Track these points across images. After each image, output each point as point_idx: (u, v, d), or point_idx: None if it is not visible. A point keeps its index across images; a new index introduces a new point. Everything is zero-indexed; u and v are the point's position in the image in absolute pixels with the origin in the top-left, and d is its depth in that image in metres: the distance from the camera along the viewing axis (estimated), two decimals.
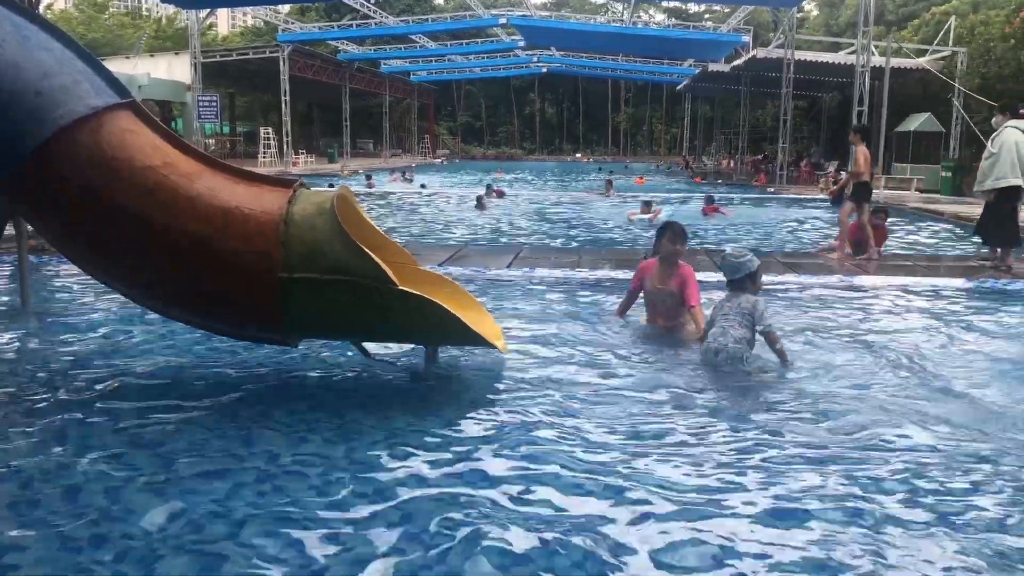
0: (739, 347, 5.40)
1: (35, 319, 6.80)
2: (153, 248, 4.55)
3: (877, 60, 26.49)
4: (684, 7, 65.39)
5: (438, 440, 4.20)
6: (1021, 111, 10.13)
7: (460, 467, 3.86)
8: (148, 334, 6.29)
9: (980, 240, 10.78)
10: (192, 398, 4.81)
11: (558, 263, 9.81)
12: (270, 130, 41.21)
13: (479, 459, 3.95)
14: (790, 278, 9.11)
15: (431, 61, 54.66)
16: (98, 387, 5.01)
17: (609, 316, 7.04)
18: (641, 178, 35.30)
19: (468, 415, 4.57)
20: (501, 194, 21.66)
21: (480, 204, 19.04)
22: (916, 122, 28.57)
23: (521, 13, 38.72)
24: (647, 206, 15.73)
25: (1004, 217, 10.01)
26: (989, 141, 10.04)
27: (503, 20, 39.16)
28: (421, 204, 21.12)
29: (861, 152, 10.77)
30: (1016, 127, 9.85)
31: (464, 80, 68.08)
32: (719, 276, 8.97)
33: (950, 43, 28.50)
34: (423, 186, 27.58)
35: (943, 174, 25.17)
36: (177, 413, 4.55)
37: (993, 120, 10.48)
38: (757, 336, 5.53)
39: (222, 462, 3.89)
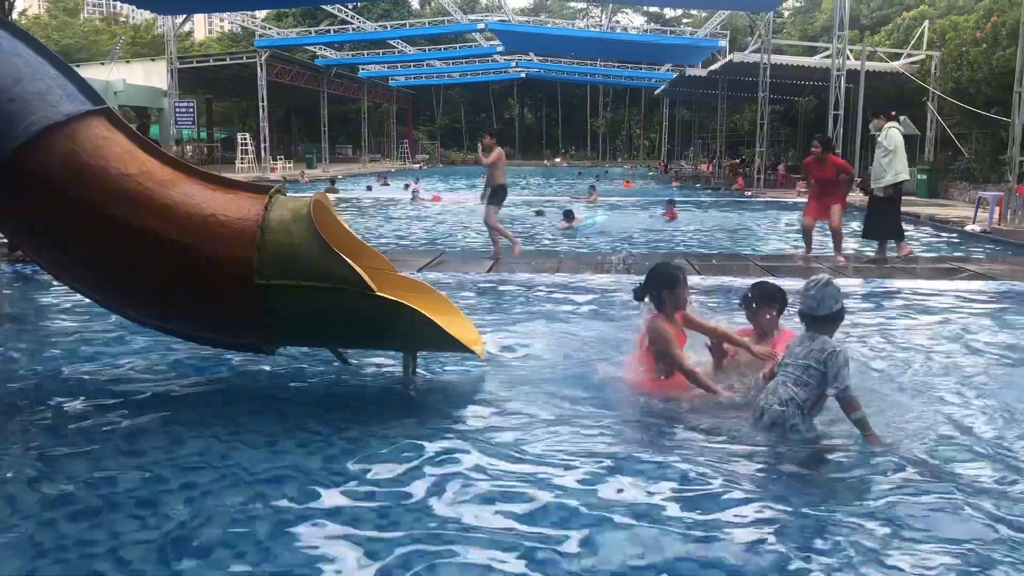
0: (782, 411, 4.25)
1: (7, 327, 6.72)
2: (127, 255, 4.52)
3: (852, 64, 26.71)
4: (661, 12, 65.68)
5: (415, 448, 4.17)
6: (893, 113, 11.12)
7: (437, 476, 3.84)
8: (120, 343, 6.24)
9: (870, 238, 11.10)
10: (163, 407, 4.77)
11: (538, 268, 9.82)
12: (247, 136, 40.97)
13: (456, 469, 3.93)
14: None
15: (409, 66, 54.58)
16: (66, 396, 4.97)
17: (594, 324, 7.06)
18: (628, 182, 35.47)
19: (446, 423, 4.55)
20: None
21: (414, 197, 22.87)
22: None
23: (499, 18, 38.77)
24: (569, 215, 15.99)
25: (896, 211, 10.65)
26: (882, 139, 10.49)
27: (481, 25, 39.18)
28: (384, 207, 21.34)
29: (501, 154, 11.54)
30: (896, 127, 10.52)
31: (443, 85, 68.03)
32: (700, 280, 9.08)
33: (924, 47, 28.78)
34: (369, 188, 28.06)
35: (919, 176, 25.40)
36: (147, 423, 4.51)
37: (871, 124, 11.11)
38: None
39: (196, 473, 3.87)
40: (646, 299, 5.10)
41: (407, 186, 28.20)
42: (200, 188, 4.70)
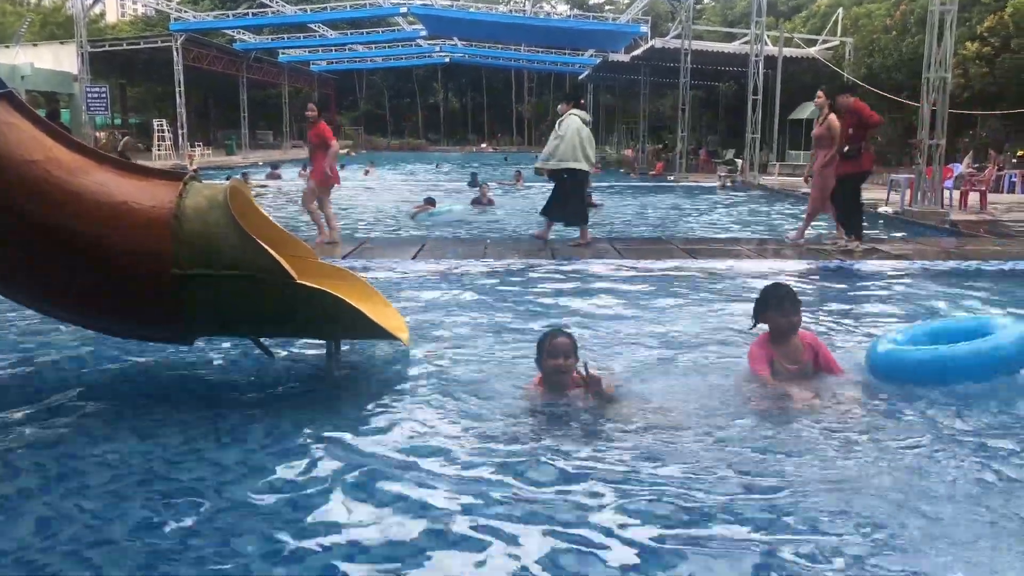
0: None
1: None
2: (37, 247, 4.35)
3: (770, 50, 27.30)
4: None
5: (340, 438, 4.11)
6: (582, 101, 11.43)
7: (362, 466, 3.78)
8: (27, 333, 6.03)
9: (553, 220, 11.26)
10: (82, 398, 4.63)
11: (465, 254, 9.80)
12: (164, 122, 39.87)
13: (382, 457, 3.90)
14: (689, 262, 9.33)
15: (331, 50, 53.81)
16: None
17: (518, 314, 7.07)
18: None
19: (371, 412, 4.49)
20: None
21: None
22: (808, 110, 29.55)
23: (422, 2, 38.41)
24: (430, 202, 16.12)
25: (572, 197, 10.85)
26: (556, 125, 10.72)
27: (404, 9, 38.79)
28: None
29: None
30: (578, 115, 10.70)
31: (366, 70, 67.22)
32: (626, 266, 9.17)
33: (838, 34, 29.57)
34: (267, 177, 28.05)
35: None
36: (67, 415, 4.37)
37: (559, 107, 11.27)
38: None
39: (111, 468, 3.75)
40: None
41: (366, 172, 28.21)
42: (111, 176, 4.54)
